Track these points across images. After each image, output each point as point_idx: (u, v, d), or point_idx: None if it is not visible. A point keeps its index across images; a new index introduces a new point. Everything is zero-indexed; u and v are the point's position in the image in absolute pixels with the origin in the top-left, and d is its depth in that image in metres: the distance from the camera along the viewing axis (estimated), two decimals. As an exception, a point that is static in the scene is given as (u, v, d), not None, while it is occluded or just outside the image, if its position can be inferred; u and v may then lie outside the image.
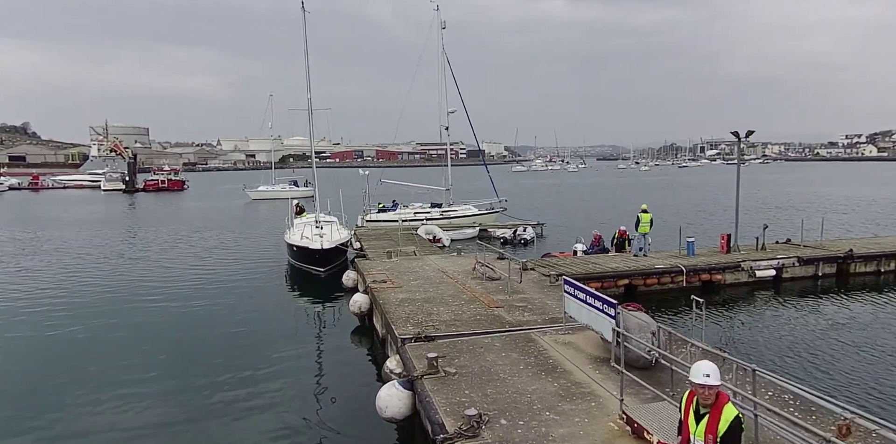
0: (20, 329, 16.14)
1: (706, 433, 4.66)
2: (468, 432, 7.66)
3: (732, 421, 4.60)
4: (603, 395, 8.90)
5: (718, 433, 4.60)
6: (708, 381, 4.66)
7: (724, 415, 4.62)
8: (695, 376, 4.75)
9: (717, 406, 4.68)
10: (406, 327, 12.27)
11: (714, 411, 4.68)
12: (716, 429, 4.62)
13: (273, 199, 63.77)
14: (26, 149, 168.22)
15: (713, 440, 4.63)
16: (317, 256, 22.72)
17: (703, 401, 4.73)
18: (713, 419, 4.66)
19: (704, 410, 4.74)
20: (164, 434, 9.99)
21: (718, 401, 4.70)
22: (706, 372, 4.70)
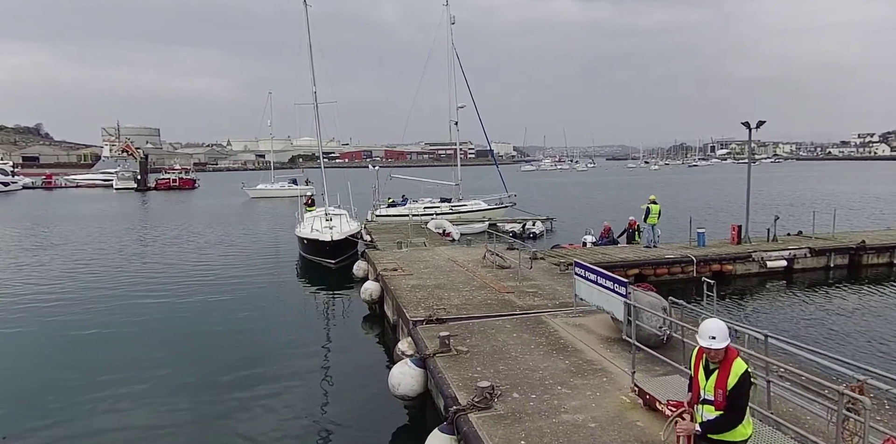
0: (30, 323, 15.85)
1: (716, 388, 4.69)
2: (481, 403, 7.72)
3: (742, 375, 4.63)
4: (614, 371, 8.95)
5: (728, 387, 4.63)
6: (713, 344, 4.67)
7: (734, 369, 4.65)
8: (701, 337, 4.77)
9: (727, 361, 4.71)
10: (417, 311, 12.35)
11: (724, 366, 4.71)
12: (725, 383, 4.64)
13: (272, 197, 64.05)
14: (39, 149, 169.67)
15: (722, 394, 4.66)
16: (327, 247, 22.87)
17: (712, 360, 4.77)
18: (723, 374, 4.69)
19: (714, 366, 4.78)
20: (185, 417, 9.98)
21: (728, 357, 4.72)
22: (712, 334, 4.69)
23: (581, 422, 7.33)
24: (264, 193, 66.26)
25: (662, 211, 22.46)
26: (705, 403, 4.79)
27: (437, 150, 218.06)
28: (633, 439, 6.88)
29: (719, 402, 4.68)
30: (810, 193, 60.37)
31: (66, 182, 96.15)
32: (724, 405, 4.67)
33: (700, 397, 4.85)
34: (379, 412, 10.24)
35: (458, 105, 35.81)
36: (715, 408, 4.72)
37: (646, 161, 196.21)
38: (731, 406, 4.66)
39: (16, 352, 13.50)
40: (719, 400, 4.68)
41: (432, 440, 7.53)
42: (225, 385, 11.27)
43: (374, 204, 35.30)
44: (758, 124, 21.25)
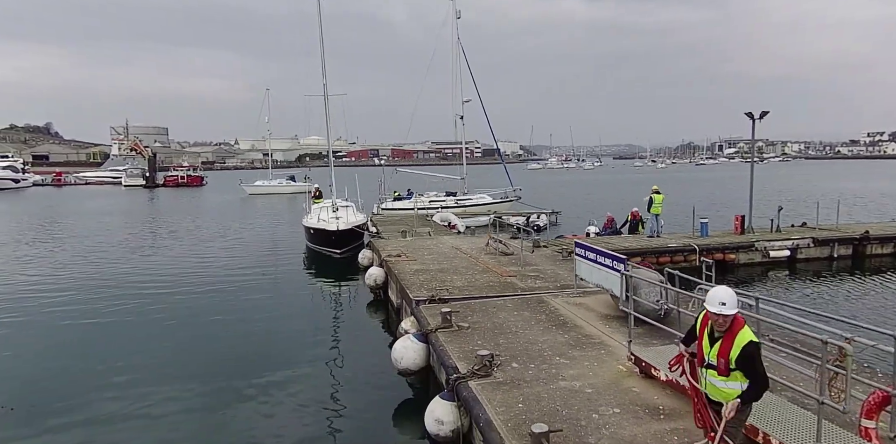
0: (34, 316, 15.44)
1: (718, 357, 4.71)
2: (480, 371, 7.93)
3: (746, 345, 4.58)
4: (612, 345, 9.13)
5: (731, 357, 4.63)
6: (723, 310, 4.65)
7: (738, 340, 4.62)
8: (710, 303, 4.71)
9: (732, 332, 4.68)
10: (420, 292, 12.56)
11: (728, 335, 4.68)
12: (728, 353, 4.64)
13: (269, 194, 64.27)
14: (49, 148, 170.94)
15: (725, 363, 4.66)
16: (333, 237, 23.14)
17: (717, 328, 4.76)
18: (726, 344, 4.67)
19: (719, 333, 4.78)
20: (198, 401, 9.98)
21: (733, 327, 4.70)
22: (722, 300, 4.66)
23: (578, 388, 7.52)
24: (261, 189, 66.36)
25: (666, 202, 22.58)
26: (709, 367, 4.84)
27: (443, 148, 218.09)
28: (628, 402, 7.07)
29: (721, 369, 4.72)
30: (816, 189, 60.12)
31: (76, 180, 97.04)
32: (726, 371, 4.69)
33: (704, 360, 4.89)
34: (382, 386, 10.46)
35: (464, 99, 36.01)
36: (717, 373, 4.76)
37: (653, 160, 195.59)
38: (750, 375, 4.63)
39: (22, 345, 13.07)
40: (721, 367, 4.71)
41: (433, 406, 7.73)
42: (230, 367, 11.37)
43: (381, 198, 35.54)
44: (761, 115, 21.33)
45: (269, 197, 61.92)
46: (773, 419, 5.78)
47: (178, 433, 8.82)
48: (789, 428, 5.60)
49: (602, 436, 6.25)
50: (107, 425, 9.03)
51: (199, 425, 9.08)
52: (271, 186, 67.31)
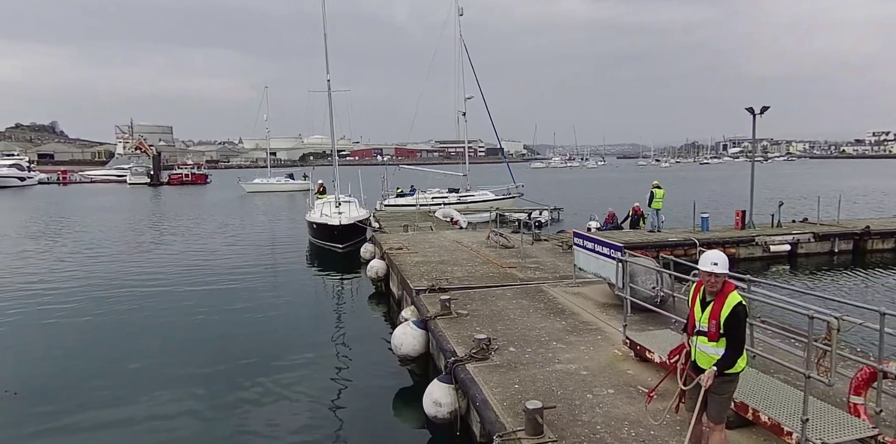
0: (33, 313, 15.04)
1: (710, 319, 4.82)
2: (478, 354, 8.06)
3: (735, 306, 4.74)
4: (609, 331, 9.25)
5: (721, 318, 4.76)
6: (715, 269, 4.80)
7: (728, 301, 4.77)
8: (703, 264, 4.88)
9: (723, 293, 4.83)
10: (420, 282, 12.69)
11: (719, 297, 4.83)
12: (719, 314, 4.77)
13: (268, 191, 64.39)
14: (54, 147, 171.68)
15: (716, 324, 4.78)
16: (335, 232, 23.29)
17: (709, 289, 4.88)
18: (717, 305, 4.81)
19: (710, 298, 4.90)
20: (203, 390, 9.97)
21: (724, 289, 4.84)
22: (714, 261, 4.83)
23: (573, 370, 7.65)
24: (260, 187, 66.45)
25: (668, 200, 22.64)
26: (699, 334, 4.94)
27: (447, 147, 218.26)
28: (622, 383, 7.20)
29: (712, 332, 4.82)
30: (818, 187, 60.02)
31: (81, 178, 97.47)
32: (717, 335, 4.80)
33: (695, 328, 4.99)
34: (382, 373, 10.59)
35: (467, 96, 36.13)
36: (707, 339, 4.87)
37: (656, 159, 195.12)
38: (730, 338, 4.75)
39: (23, 340, 12.92)
40: (712, 331, 4.81)
41: (431, 389, 7.86)
42: (233, 358, 11.38)
43: (384, 194, 35.68)
44: (762, 110, 21.39)
45: (267, 195, 62.00)
46: (764, 398, 5.89)
47: (185, 417, 8.96)
48: (779, 406, 5.71)
49: (595, 414, 6.37)
50: (109, 418, 8.89)
51: (205, 411, 9.17)
52: (270, 184, 67.50)
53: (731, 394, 4.95)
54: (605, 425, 6.12)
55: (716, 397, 4.84)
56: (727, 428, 5.92)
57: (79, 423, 8.78)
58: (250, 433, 8.49)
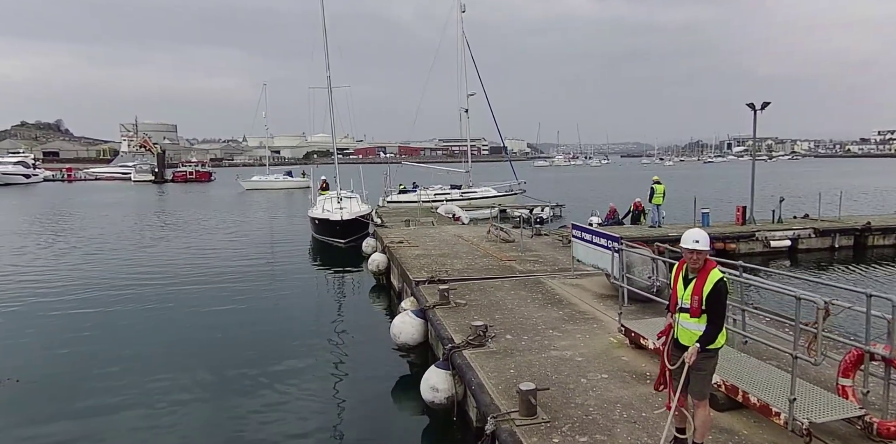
0: (31, 310, 14.67)
1: (692, 295, 4.94)
2: (475, 341, 8.17)
3: (717, 282, 4.88)
4: (605, 320, 9.35)
5: (703, 293, 4.88)
6: (697, 246, 4.95)
7: (710, 277, 4.91)
8: (685, 242, 5.03)
9: (705, 270, 4.97)
10: (420, 273, 12.80)
11: (701, 274, 4.96)
12: (701, 290, 4.90)
13: (266, 189, 64.48)
14: (59, 145, 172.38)
15: (698, 300, 4.91)
16: (337, 227, 23.41)
17: (692, 266, 5.01)
18: (699, 282, 4.94)
19: (692, 275, 5.04)
20: (206, 379, 9.97)
21: (706, 266, 4.98)
22: (695, 238, 4.98)
23: (569, 357, 7.75)
24: (258, 184, 66.55)
25: (670, 196, 22.72)
26: (682, 311, 5.06)
27: (450, 146, 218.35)
28: (616, 369, 7.30)
29: (695, 308, 4.94)
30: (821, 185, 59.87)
31: (86, 175, 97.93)
32: (699, 311, 4.92)
33: (678, 305, 5.11)
34: (381, 363, 10.68)
35: (469, 93, 36.23)
36: (690, 315, 4.98)
37: (660, 158, 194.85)
38: (711, 313, 4.88)
39: (26, 334, 12.65)
40: (695, 307, 4.93)
41: (429, 375, 7.96)
42: (234, 351, 11.39)
43: (386, 191, 35.80)
44: (762, 106, 21.44)
45: (266, 192, 62.08)
46: (755, 381, 5.98)
47: (189, 401, 9.09)
48: (768, 388, 5.80)
49: (589, 397, 6.47)
50: (110, 413, 8.71)
51: (208, 398, 9.28)
52: (268, 181, 67.69)
53: (711, 370, 5.05)
54: (598, 407, 6.22)
55: (697, 373, 4.94)
56: (718, 411, 6.05)
57: (78, 412, 8.71)
58: (250, 414, 8.65)
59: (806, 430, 5.01)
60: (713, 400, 6.12)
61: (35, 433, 8.12)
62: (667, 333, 5.23)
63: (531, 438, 5.56)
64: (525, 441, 5.49)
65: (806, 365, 6.75)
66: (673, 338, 5.15)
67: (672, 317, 5.18)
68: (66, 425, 8.40)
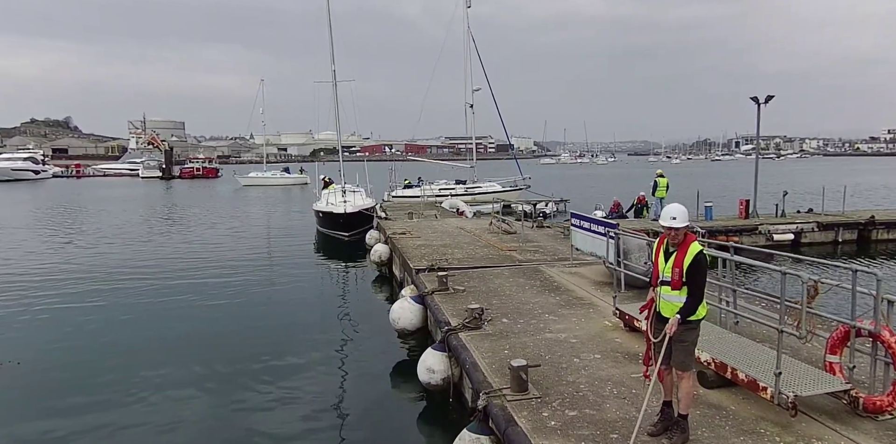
0: (35, 305, 14.27)
1: (673, 267, 5.06)
2: (471, 324, 8.27)
3: (697, 254, 5.00)
4: (601, 305, 9.42)
5: (684, 266, 5.00)
6: (674, 223, 5.05)
7: (690, 250, 5.03)
8: (663, 219, 5.15)
9: (685, 244, 5.09)
10: (420, 262, 12.89)
11: (681, 248, 5.08)
12: (682, 263, 5.02)
13: (263, 185, 64.65)
14: (68, 142, 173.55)
15: (679, 273, 5.02)
16: (341, 220, 23.56)
17: (672, 241, 5.13)
18: (680, 255, 5.06)
19: (673, 249, 5.15)
20: (209, 368, 9.95)
21: (686, 240, 5.11)
22: (673, 215, 5.08)
23: (563, 339, 7.84)
24: (255, 181, 66.73)
25: (675, 192, 22.71)
26: (663, 284, 5.16)
27: (456, 144, 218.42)
28: (609, 350, 7.38)
29: (675, 280, 5.04)
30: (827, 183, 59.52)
31: (94, 171, 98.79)
32: (679, 283, 5.02)
33: (659, 278, 5.21)
34: (381, 349, 10.82)
35: (474, 88, 36.28)
36: (671, 287, 5.08)
37: (667, 156, 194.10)
38: (692, 285, 4.98)
39: (30, 328, 12.47)
40: (675, 279, 5.04)
41: (425, 357, 8.07)
42: (236, 342, 11.39)
43: (391, 185, 35.94)
44: (766, 99, 21.41)
45: (263, 188, 62.21)
46: (744, 359, 6.05)
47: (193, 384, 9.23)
48: (757, 365, 5.87)
49: (581, 375, 6.56)
50: (113, 409, 8.54)
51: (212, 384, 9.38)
52: (265, 177, 67.98)
53: (693, 341, 5.13)
54: (589, 385, 6.31)
55: (679, 345, 5.03)
56: (707, 388, 6.14)
57: (80, 411, 8.40)
58: (250, 395, 8.83)
59: (791, 403, 5.08)
60: (703, 378, 6.22)
61: (35, 416, 8.21)
62: (649, 307, 5.32)
63: (521, 412, 5.65)
64: (515, 415, 5.59)
65: (797, 347, 6.85)
66: (655, 311, 5.24)
67: (654, 291, 5.27)
68: (64, 412, 8.40)
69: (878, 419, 5.28)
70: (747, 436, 5.12)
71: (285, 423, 8.03)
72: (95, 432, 7.81)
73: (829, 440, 4.99)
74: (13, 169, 79.15)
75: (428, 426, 8.01)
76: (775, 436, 5.10)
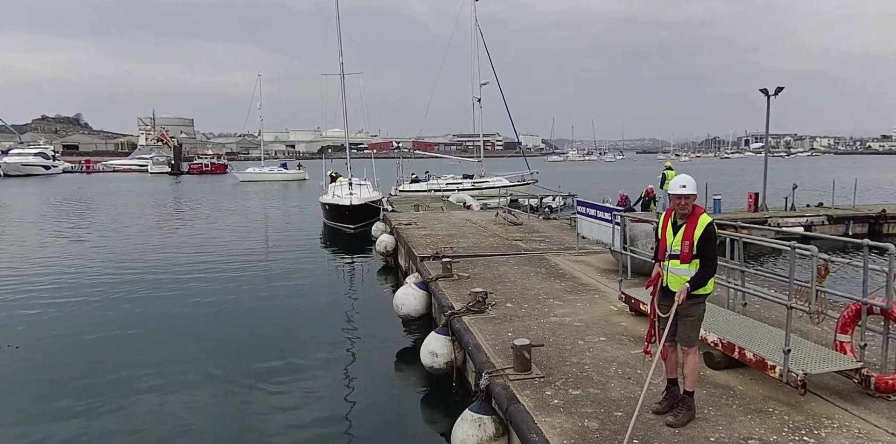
0: (38, 300, 13.77)
1: (683, 240, 4.92)
2: (474, 307, 8.18)
3: (707, 226, 4.90)
4: (607, 291, 9.31)
5: (695, 238, 4.88)
6: (685, 191, 4.98)
7: (700, 221, 4.92)
8: (673, 188, 5.05)
9: (694, 216, 4.98)
10: (425, 250, 12.82)
11: (691, 219, 4.97)
12: (692, 234, 4.90)
13: (261, 180, 64.73)
14: (79, 138, 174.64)
15: (689, 245, 4.89)
16: (347, 212, 23.54)
17: (680, 212, 5.02)
18: (689, 227, 4.94)
19: (681, 221, 5.04)
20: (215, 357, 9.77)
21: (695, 212, 5.00)
22: (682, 184, 5.00)
23: (568, 322, 7.74)
24: (253, 176, 66.74)
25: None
26: (672, 258, 5.02)
27: (463, 141, 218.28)
28: (614, 333, 7.28)
29: (685, 253, 4.91)
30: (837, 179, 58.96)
31: (104, 167, 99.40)
32: (689, 256, 4.89)
33: (667, 252, 5.07)
34: (383, 334, 10.76)
35: (482, 82, 36.15)
36: (680, 261, 4.96)
37: (676, 154, 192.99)
38: (703, 257, 4.87)
39: (30, 332, 11.53)
40: (685, 252, 4.91)
41: (428, 340, 8.00)
42: (240, 328, 11.42)
43: (398, 180, 35.87)
44: (776, 91, 21.18)
45: (261, 184, 62.20)
46: (752, 339, 5.93)
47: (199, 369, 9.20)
48: (765, 345, 5.75)
49: (585, 357, 6.46)
50: (118, 404, 8.15)
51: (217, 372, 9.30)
52: (262, 173, 68.08)
53: (700, 316, 5.01)
54: (594, 365, 6.21)
55: (686, 320, 4.92)
56: (714, 369, 6.02)
57: (84, 408, 8.05)
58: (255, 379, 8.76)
59: (801, 381, 4.96)
60: (709, 358, 6.11)
61: (35, 408, 8.07)
62: (655, 282, 5.20)
63: (524, 391, 5.56)
64: (518, 394, 5.50)
65: (807, 330, 6.73)
66: (662, 286, 5.12)
67: (660, 265, 5.15)
68: (63, 406, 8.13)
69: (891, 398, 5.16)
70: (755, 415, 5.00)
71: (287, 405, 7.98)
72: (94, 430, 7.44)
73: (839, 420, 4.87)
74: (24, 164, 79.68)
75: (430, 410, 7.94)
76: (784, 415, 4.99)
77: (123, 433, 7.32)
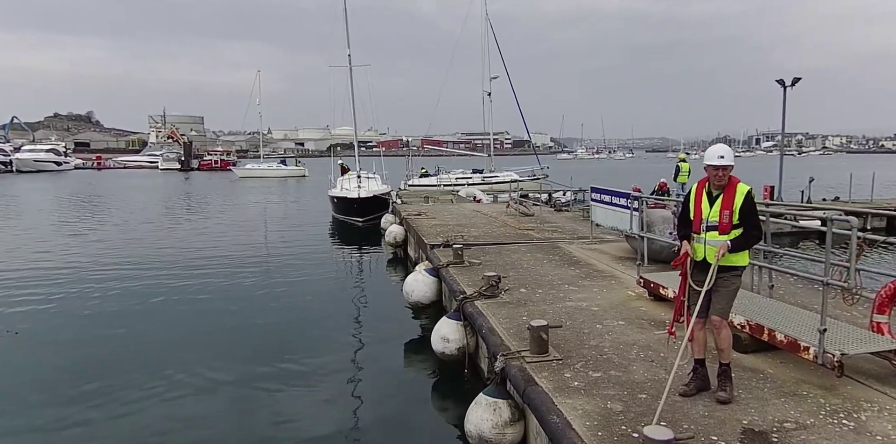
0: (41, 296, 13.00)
1: (722, 210, 4.68)
2: (487, 292, 7.93)
3: (747, 193, 4.68)
4: (623, 277, 9.03)
5: (735, 206, 4.65)
6: (722, 161, 4.71)
7: (739, 189, 4.69)
8: (709, 158, 4.77)
9: (731, 185, 4.74)
10: (435, 239, 12.57)
11: (728, 189, 4.72)
12: (732, 203, 4.67)
13: (260, 177, 64.62)
14: (90, 136, 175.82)
15: (728, 215, 4.65)
16: (355, 205, 23.32)
17: (716, 182, 4.75)
18: (728, 196, 4.69)
19: (717, 192, 4.78)
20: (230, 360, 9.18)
21: (731, 181, 4.76)
22: (720, 154, 4.74)
23: (584, 307, 7.47)
24: (252, 172, 66.75)
25: (694, 176, 22.14)
26: (710, 229, 4.76)
27: (473, 139, 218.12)
28: (633, 317, 7.00)
29: (725, 224, 4.67)
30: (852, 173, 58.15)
31: (115, 163, 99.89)
32: (729, 227, 4.66)
33: (703, 224, 4.79)
34: (394, 326, 10.46)
35: (492, 76, 35.84)
36: (719, 232, 4.70)
37: (686, 152, 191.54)
38: (747, 224, 4.68)
39: (35, 333, 10.89)
40: (724, 222, 4.67)
41: (440, 326, 7.73)
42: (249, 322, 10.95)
43: (408, 175, 35.67)
44: (793, 82, 20.76)
45: (260, 180, 62.07)
46: (781, 320, 5.66)
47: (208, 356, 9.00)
48: (796, 325, 5.47)
49: (604, 340, 6.19)
50: (124, 402, 7.72)
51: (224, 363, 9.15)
52: (261, 169, 68.10)
53: (736, 288, 4.77)
54: (613, 348, 5.94)
55: (722, 291, 4.68)
56: (742, 353, 5.73)
57: (89, 406, 7.59)
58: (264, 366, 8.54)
59: (837, 362, 4.68)
60: (736, 341, 5.80)
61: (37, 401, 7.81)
62: (683, 260, 4.89)
63: (542, 373, 5.31)
64: (536, 376, 5.24)
65: (838, 314, 6.42)
66: (697, 261, 4.82)
67: (695, 238, 4.85)
68: (61, 398, 7.94)
69: (932, 382, 4.85)
70: (788, 398, 4.72)
71: (297, 393, 7.75)
72: (95, 429, 7.02)
73: (878, 403, 4.58)
74: (36, 160, 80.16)
75: (442, 396, 7.68)
76: (819, 398, 4.70)
77: (124, 427, 7.03)
